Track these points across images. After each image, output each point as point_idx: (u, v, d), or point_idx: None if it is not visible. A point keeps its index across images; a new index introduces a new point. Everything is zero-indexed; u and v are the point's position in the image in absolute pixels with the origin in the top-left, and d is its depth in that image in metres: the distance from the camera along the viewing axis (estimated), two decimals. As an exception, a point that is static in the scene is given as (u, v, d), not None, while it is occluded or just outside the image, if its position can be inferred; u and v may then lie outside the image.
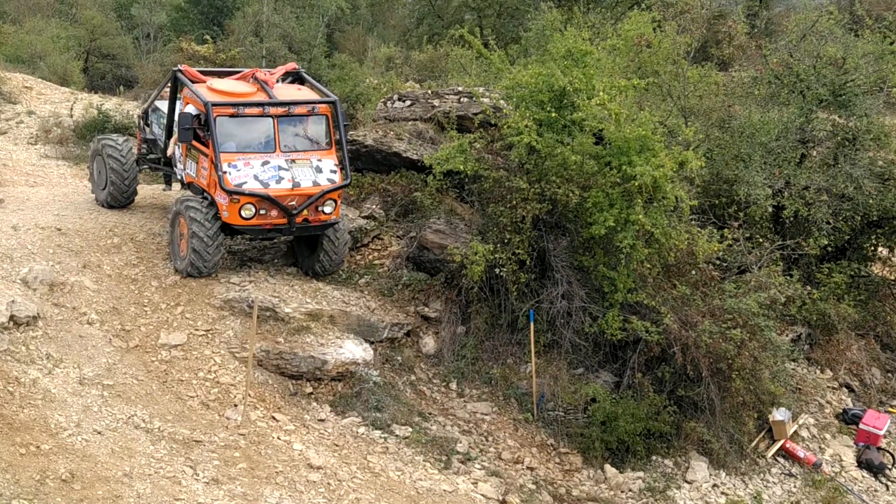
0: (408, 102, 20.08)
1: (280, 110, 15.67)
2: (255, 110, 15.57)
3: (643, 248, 15.05)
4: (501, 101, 17.36)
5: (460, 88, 20.07)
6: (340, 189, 15.92)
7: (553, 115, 15.42)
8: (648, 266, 15.33)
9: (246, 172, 15.20)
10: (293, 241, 16.83)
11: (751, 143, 17.94)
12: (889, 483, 15.55)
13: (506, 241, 15.48)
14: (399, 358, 15.85)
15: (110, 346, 14.09)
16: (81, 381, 13.12)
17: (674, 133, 17.18)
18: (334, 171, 15.77)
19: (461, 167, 16.03)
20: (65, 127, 24.14)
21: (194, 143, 15.79)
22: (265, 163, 15.39)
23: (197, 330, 14.78)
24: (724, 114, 18.92)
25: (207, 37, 34.24)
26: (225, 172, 15.09)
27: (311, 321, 15.26)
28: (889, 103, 19.85)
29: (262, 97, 15.89)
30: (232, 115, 15.46)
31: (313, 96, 16.48)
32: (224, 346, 14.64)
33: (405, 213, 18.37)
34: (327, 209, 15.74)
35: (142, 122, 18.79)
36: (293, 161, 15.57)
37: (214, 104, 15.37)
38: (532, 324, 15.43)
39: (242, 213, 15.18)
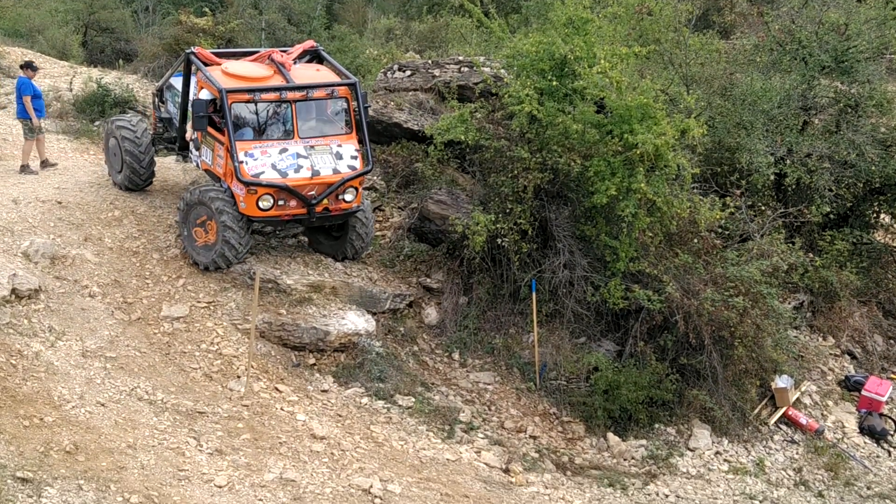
0: (408, 72, 19.97)
1: (298, 94, 15.11)
2: (272, 95, 15.01)
3: (645, 216, 15.00)
4: (502, 71, 17.28)
5: (461, 58, 19.97)
6: (362, 176, 15.49)
7: (554, 83, 15.33)
8: (650, 235, 15.30)
9: (263, 161, 14.72)
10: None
11: (753, 110, 17.83)
12: (891, 449, 15.56)
13: (507, 211, 15.44)
14: (401, 329, 15.87)
15: (112, 318, 14.12)
16: (84, 354, 13.15)
17: (675, 101, 17.10)
18: (355, 157, 15.29)
19: (462, 137, 15.92)
20: (64, 101, 24.02)
21: (210, 129, 15.29)
22: (283, 150, 14.90)
23: (199, 302, 14.79)
24: (725, 81, 18.80)
25: (206, 9, 34.05)
26: (241, 162, 14.61)
27: (313, 293, 15.26)
28: (892, 69, 19.74)
29: (278, 80, 15.35)
30: (248, 102, 14.93)
31: (332, 77, 15.93)
32: (226, 317, 14.65)
33: (406, 184, 18.33)
34: (348, 197, 15.29)
35: (156, 100, 18.23)
36: (312, 147, 15.06)
37: (229, 90, 14.79)
38: (534, 293, 15.43)
39: (260, 205, 14.70)
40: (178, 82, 17.10)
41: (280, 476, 11.59)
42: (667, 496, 13.54)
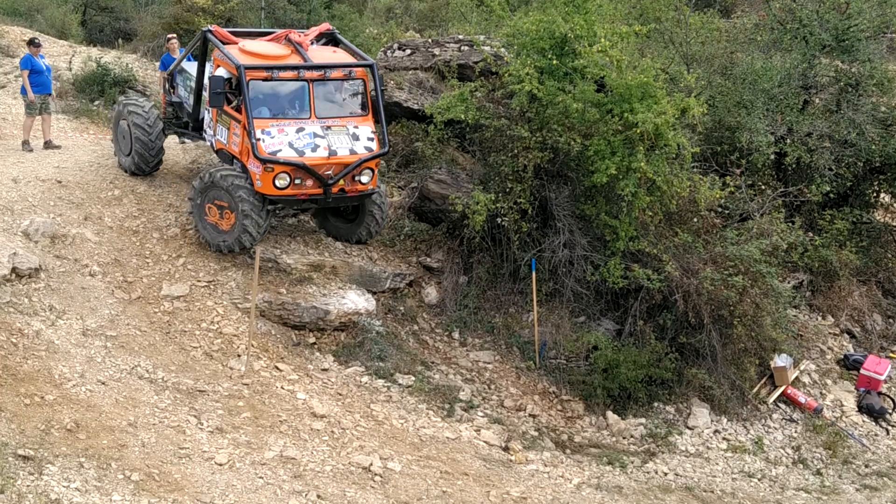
0: (408, 51, 19.92)
1: (315, 74, 14.97)
2: (290, 74, 14.88)
3: (645, 195, 14.99)
4: (502, 49, 17.23)
5: (461, 37, 19.93)
6: (378, 157, 15.37)
7: (554, 62, 15.29)
8: (650, 214, 15.29)
9: (280, 140, 14.57)
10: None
11: (753, 89, 17.81)
12: (889, 427, 15.63)
13: (507, 190, 15.44)
14: (402, 308, 15.89)
15: (113, 297, 14.13)
16: (84, 333, 13.17)
17: (676, 80, 17.05)
18: (371, 139, 15.18)
19: (462, 116, 15.90)
20: (64, 80, 23.92)
21: (226, 108, 15.17)
22: (300, 129, 14.75)
23: (199, 281, 14.80)
24: (726, 60, 18.78)
25: (206, -12, 33.88)
26: (259, 140, 14.47)
27: (313, 272, 15.28)
28: (892, 48, 19.68)
29: (296, 60, 15.22)
30: (265, 79, 14.79)
31: (349, 59, 15.82)
32: (226, 296, 14.67)
33: (406, 163, 18.32)
34: (364, 179, 15.13)
35: (167, 84, 18.02)
36: (329, 128, 14.94)
37: (247, 67, 14.64)
38: (534, 273, 15.45)
39: (277, 183, 14.54)
40: (190, 66, 16.98)
41: (280, 454, 11.62)
42: (665, 474, 13.60)
